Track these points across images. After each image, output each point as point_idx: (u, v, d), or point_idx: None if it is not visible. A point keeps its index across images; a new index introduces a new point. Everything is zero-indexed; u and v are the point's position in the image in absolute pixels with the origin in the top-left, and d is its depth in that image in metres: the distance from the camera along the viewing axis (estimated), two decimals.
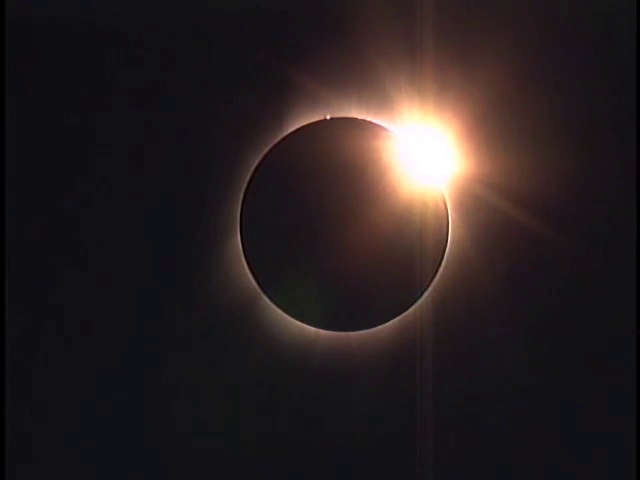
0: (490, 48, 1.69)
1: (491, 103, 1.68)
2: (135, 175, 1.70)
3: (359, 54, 1.69)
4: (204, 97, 1.70)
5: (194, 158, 1.69)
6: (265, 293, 1.68)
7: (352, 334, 1.67)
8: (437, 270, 1.67)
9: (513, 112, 1.69)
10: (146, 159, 1.70)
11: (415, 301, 1.67)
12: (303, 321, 1.67)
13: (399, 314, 1.67)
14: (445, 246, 1.67)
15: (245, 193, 1.68)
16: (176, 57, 1.70)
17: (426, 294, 1.67)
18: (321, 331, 1.67)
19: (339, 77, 1.69)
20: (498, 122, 1.69)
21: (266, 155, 1.69)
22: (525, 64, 1.69)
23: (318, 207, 1.67)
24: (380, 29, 1.68)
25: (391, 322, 1.67)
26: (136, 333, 1.68)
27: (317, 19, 1.70)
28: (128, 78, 1.70)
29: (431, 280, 1.67)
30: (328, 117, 1.68)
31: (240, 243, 1.68)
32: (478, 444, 1.66)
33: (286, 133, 1.69)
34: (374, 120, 1.68)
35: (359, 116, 1.68)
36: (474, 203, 1.68)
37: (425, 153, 1.69)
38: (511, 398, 1.67)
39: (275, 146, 1.68)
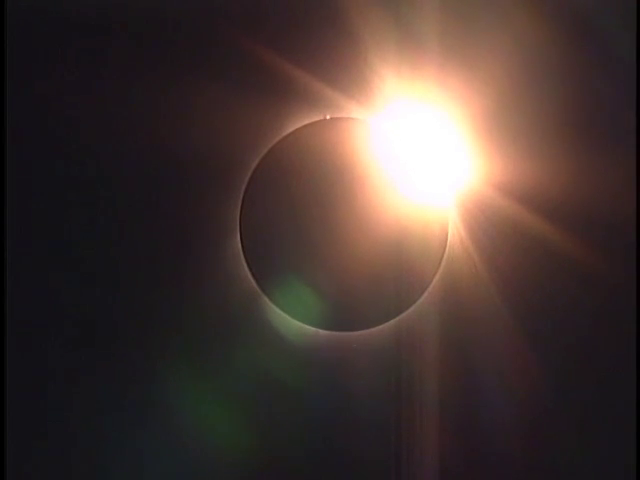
0: (495, 46, 1.69)
1: (495, 103, 1.69)
2: (134, 175, 1.69)
3: (360, 53, 1.69)
4: (203, 97, 1.70)
5: (194, 158, 1.69)
6: (265, 293, 1.68)
7: (352, 334, 1.67)
8: (437, 270, 1.67)
9: (515, 113, 1.69)
10: (145, 159, 1.70)
11: (415, 301, 1.67)
12: (303, 321, 1.68)
13: (399, 314, 1.67)
14: (445, 245, 1.67)
15: (245, 193, 1.68)
16: (175, 56, 1.70)
17: (426, 294, 1.67)
18: (321, 331, 1.67)
19: (339, 77, 1.69)
20: (501, 123, 1.69)
21: (266, 155, 1.68)
22: (530, 63, 1.70)
23: (318, 207, 1.67)
24: (381, 27, 1.69)
25: (391, 322, 1.67)
26: (135, 333, 1.68)
27: (317, 18, 1.70)
28: (127, 77, 1.70)
29: (431, 280, 1.67)
30: (328, 117, 1.69)
31: (240, 243, 1.68)
32: (479, 443, 1.67)
33: (286, 133, 1.69)
34: (375, 120, 1.68)
35: (359, 116, 1.68)
36: (475, 203, 1.69)
37: (426, 153, 1.69)
38: (512, 398, 1.67)
39: (275, 146, 1.68)
